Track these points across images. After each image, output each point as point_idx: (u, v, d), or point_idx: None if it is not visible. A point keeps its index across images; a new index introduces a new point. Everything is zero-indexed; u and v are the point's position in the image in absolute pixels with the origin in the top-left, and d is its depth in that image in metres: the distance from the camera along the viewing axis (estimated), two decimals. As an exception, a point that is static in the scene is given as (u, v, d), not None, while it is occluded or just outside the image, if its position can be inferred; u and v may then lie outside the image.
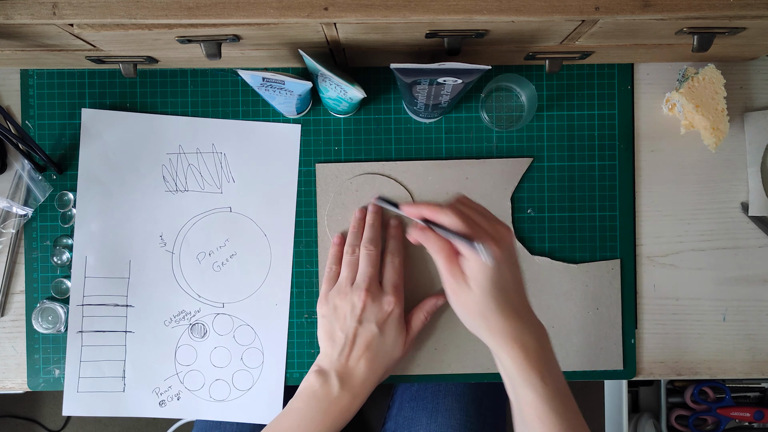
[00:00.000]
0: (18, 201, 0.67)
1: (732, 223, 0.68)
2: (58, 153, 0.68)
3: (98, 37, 0.52)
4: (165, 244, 0.68)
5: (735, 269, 0.68)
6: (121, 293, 0.68)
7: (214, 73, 0.68)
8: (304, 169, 0.68)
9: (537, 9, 0.48)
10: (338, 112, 0.66)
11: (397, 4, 0.47)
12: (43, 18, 0.47)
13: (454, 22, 0.49)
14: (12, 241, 0.68)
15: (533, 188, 0.68)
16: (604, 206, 0.68)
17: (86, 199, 0.67)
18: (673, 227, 0.68)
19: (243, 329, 0.68)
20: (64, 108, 0.68)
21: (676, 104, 0.66)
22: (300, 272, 0.68)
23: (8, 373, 0.68)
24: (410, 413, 0.77)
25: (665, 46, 0.60)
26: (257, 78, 0.56)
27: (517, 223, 0.68)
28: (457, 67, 0.50)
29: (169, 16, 0.48)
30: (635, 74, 0.68)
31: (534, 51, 0.61)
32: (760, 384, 1.10)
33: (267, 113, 0.68)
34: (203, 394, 0.68)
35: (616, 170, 0.68)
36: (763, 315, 0.69)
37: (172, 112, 0.68)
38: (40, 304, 0.67)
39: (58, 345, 0.68)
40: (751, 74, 0.69)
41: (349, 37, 0.54)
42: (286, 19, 0.48)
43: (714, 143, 0.64)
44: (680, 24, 0.51)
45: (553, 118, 0.68)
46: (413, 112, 0.66)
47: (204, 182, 0.68)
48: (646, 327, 0.69)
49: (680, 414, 1.12)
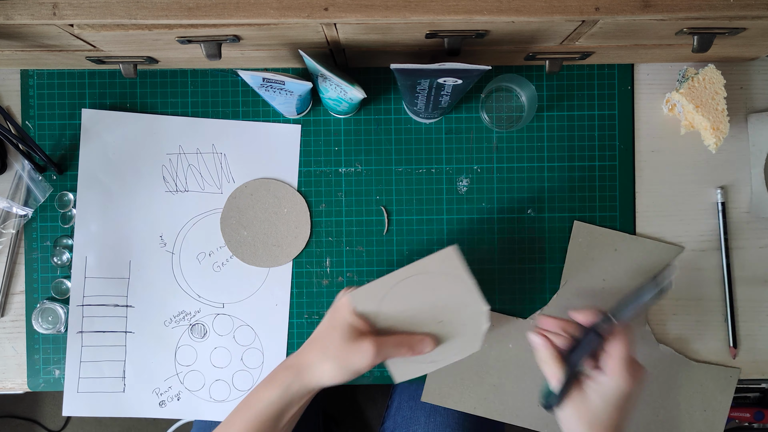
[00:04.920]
0: (18, 201, 0.67)
1: (732, 223, 0.68)
2: (58, 153, 0.68)
3: (98, 37, 0.52)
4: (165, 245, 0.68)
5: (735, 269, 0.68)
6: (121, 293, 0.68)
7: (214, 74, 0.68)
8: (303, 170, 0.68)
9: (537, 9, 0.48)
10: (338, 112, 0.66)
11: (397, 4, 0.47)
12: (43, 18, 0.47)
13: (454, 23, 0.49)
14: (12, 242, 0.68)
15: (533, 188, 0.68)
16: (604, 206, 0.68)
17: (86, 200, 0.67)
18: (674, 227, 0.68)
19: (243, 329, 0.68)
20: (64, 108, 0.68)
21: (676, 104, 0.66)
22: (300, 272, 0.68)
23: (8, 373, 0.68)
24: (409, 413, 0.77)
25: (665, 47, 0.60)
26: (257, 78, 0.56)
27: (517, 223, 0.68)
28: (457, 67, 0.50)
29: (170, 17, 0.48)
30: (635, 74, 0.68)
31: (534, 51, 0.61)
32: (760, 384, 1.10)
33: (267, 113, 0.68)
34: (203, 395, 0.68)
35: (616, 170, 0.68)
36: (763, 315, 0.69)
37: (172, 112, 0.68)
38: (40, 304, 0.67)
39: (58, 345, 0.68)
40: (751, 74, 0.69)
41: (349, 37, 0.54)
42: (286, 19, 0.48)
43: (714, 143, 0.64)
44: (680, 24, 0.51)
45: (553, 118, 0.68)
46: (413, 113, 0.66)
47: (204, 182, 0.68)
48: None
49: (680, 414, 1.11)
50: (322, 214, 0.68)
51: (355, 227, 0.68)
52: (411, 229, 0.68)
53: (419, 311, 0.57)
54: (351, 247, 0.68)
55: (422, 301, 0.57)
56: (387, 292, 0.57)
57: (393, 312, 0.57)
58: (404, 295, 0.57)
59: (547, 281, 0.68)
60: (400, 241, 0.68)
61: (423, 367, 0.58)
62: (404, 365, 0.59)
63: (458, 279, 0.56)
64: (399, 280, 0.57)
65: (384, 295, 0.57)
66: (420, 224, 0.68)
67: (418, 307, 0.57)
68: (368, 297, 0.57)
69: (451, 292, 0.57)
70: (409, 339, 0.57)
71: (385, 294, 0.57)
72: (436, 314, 0.57)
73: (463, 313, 0.57)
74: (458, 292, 0.57)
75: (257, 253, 0.68)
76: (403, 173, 0.68)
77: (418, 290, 0.57)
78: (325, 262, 0.68)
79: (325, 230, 0.68)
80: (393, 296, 0.57)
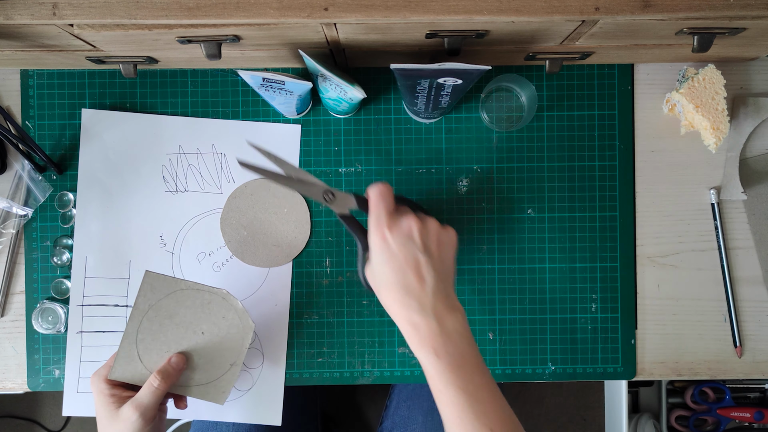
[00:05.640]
0: (18, 201, 0.67)
1: (732, 223, 0.68)
2: (58, 153, 0.68)
3: (98, 37, 0.52)
4: (165, 245, 0.68)
5: (735, 269, 0.69)
6: (121, 293, 0.68)
7: (214, 74, 0.68)
8: (303, 170, 0.68)
9: (537, 9, 0.48)
10: (338, 112, 0.66)
11: (397, 4, 0.47)
12: (43, 18, 0.47)
13: (454, 23, 0.49)
14: (12, 242, 0.68)
15: (533, 188, 0.68)
16: (604, 206, 0.68)
17: (86, 200, 0.67)
18: (674, 227, 0.68)
19: (243, 329, 0.68)
20: (64, 108, 0.68)
21: (676, 104, 0.66)
22: (300, 272, 0.68)
23: (8, 373, 0.68)
24: (407, 412, 0.77)
25: (665, 47, 0.60)
26: (257, 78, 0.56)
27: (517, 223, 0.68)
28: (457, 67, 0.50)
29: (170, 17, 0.48)
30: (635, 74, 0.68)
31: (534, 51, 0.61)
32: (760, 384, 1.10)
33: (267, 113, 0.68)
34: (203, 395, 0.68)
35: (616, 170, 0.68)
36: (763, 315, 0.69)
37: (172, 112, 0.68)
38: (40, 304, 0.67)
39: (58, 345, 0.68)
40: (751, 74, 0.69)
41: (349, 37, 0.54)
42: (286, 19, 0.48)
43: (714, 143, 0.64)
44: (680, 24, 0.51)
45: (553, 118, 0.68)
46: (413, 113, 0.66)
47: (204, 182, 0.68)
48: (646, 327, 0.69)
49: (680, 414, 1.12)
50: (322, 214, 0.68)
51: (355, 227, 0.68)
52: (411, 229, 0.68)
53: (177, 329, 0.59)
54: (351, 247, 0.68)
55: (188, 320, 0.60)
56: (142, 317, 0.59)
57: (154, 343, 0.59)
58: (164, 317, 0.59)
59: (548, 281, 0.68)
60: (400, 241, 0.68)
61: (187, 390, 0.60)
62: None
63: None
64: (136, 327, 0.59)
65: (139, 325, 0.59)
66: (420, 224, 0.68)
67: (176, 326, 0.59)
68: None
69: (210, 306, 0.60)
70: (157, 371, 0.57)
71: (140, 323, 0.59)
72: (195, 328, 0.60)
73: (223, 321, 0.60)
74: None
75: (257, 253, 0.68)
76: (403, 173, 0.68)
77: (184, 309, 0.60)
78: (325, 262, 0.68)
79: (325, 230, 0.68)
80: (150, 324, 0.59)
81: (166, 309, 0.59)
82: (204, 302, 0.59)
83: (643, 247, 0.68)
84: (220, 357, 0.60)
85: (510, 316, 0.68)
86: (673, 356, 0.69)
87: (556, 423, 1.40)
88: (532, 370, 0.69)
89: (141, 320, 0.58)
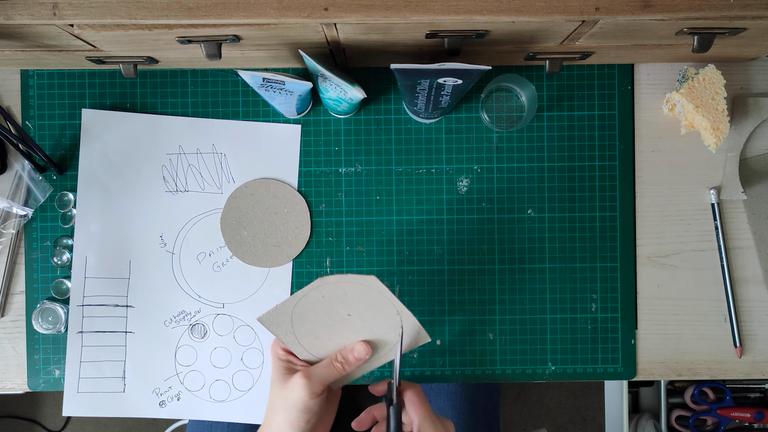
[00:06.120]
0: (18, 201, 0.67)
1: (732, 223, 0.68)
2: (58, 153, 0.68)
3: (98, 37, 0.52)
4: (165, 245, 0.68)
5: (735, 269, 0.69)
6: (121, 293, 0.68)
7: (214, 74, 0.68)
8: (304, 170, 0.68)
9: (537, 9, 0.48)
10: (338, 112, 0.66)
11: (397, 4, 0.47)
12: (43, 18, 0.47)
13: (454, 23, 0.49)
14: (12, 242, 0.68)
15: (533, 188, 0.68)
16: (604, 206, 0.68)
17: (86, 200, 0.67)
18: (674, 227, 0.68)
19: (243, 330, 0.68)
20: (64, 108, 0.68)
21: (676, 104, 0.66)
22: (300, 272, 0.68)
23: (8, 373, 0.68)
24: None
25: (665, 47, 0.60)
26: (257, 78, 0.56)
27: (517, 223, 0.68)
28: (457, 67, 0.50)
29: (170, 17, 0.48)
30: (635, 74, 0.68)
31: (534, 51, 0.61)
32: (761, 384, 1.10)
33: (267, 113, 0.68)
34: (203, 395, 0.68)
35: (616, 170, 0.68)
36: (763, 315, 0.69)
37: (172, 112, 0.68)
38: (40, 304, 0.67)
39: (58, 345, 0.68)
40: (751, 74, 0.69)
41: (350, 37, 0.54)
42: (286, 19, 0.48)
43: (714, 143, 0.64)
44: (680, 24, 0.51)
45: (553, 118, 0.68)
46: (413, 113, 0.66)
47: (204, 182, 0.68)
48: (646, 327, 0.69)
49: (680, 414, 1.12)
50: (322, 214, 0.68)
51: (355, 227, 0.68)
52: (411, 230, 0.68)
53: (334, 318, 0.55)
54: (351, 247, 0.68)
55: (334, 310, 0.55)
56: (293, 308, 0.55)
57: (308, 329, 0.55)
58: (312, 308, 0.54)
59: (548, 281, 0.68)
60: (400, 241, 0.68)
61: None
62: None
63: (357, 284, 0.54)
64: (299, 299, 0.54)
65: (291, 313, 0.55)
66: (420, 224, 0.68)
67: (332, 315, 0.55)
68: (277, 318, 0.55)
69: (363, 295, 0.54)
70: (341, 353, 0.56)
71: (291, 312, 0.55)
72: (355, 318, 0.55)
73: (380, 313, 0.55)
74: (367, 293, 0.54)
75: (257, 253, 0.68)
76: (403, 173, 0.68)
77: (327, 300, 0.54)
78: (325, 262, 0.68)
79: (325, 230, 0.68)
80: (300, 313, 0.55)
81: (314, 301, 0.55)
82: (341, 293, 0.55)
83: (643, 247, 0.68)
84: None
85: (510, 316, 0.68)
86: (673, 356, 0.69)
87: (556, 423, 1.40)
88: (532, 370, 0.69)
89: (308, 295, 0.54)
